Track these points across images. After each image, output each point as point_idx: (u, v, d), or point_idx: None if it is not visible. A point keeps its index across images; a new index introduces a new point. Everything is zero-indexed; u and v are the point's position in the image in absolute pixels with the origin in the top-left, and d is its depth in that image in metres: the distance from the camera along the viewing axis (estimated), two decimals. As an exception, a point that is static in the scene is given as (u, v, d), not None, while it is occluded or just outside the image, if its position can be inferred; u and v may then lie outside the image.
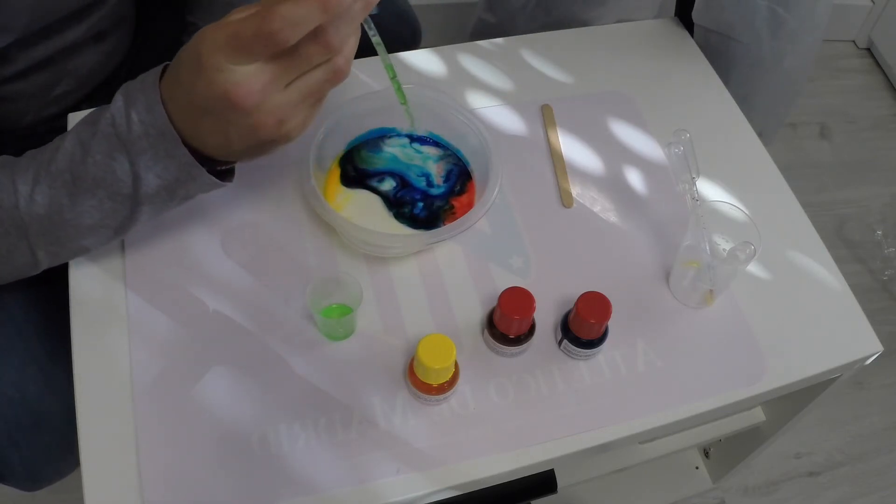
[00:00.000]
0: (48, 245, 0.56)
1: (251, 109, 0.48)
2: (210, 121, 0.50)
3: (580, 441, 0.60)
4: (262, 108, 0.48)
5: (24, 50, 0.69)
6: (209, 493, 0.55)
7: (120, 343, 0.61)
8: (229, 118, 0.49)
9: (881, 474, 1.25)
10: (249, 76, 0.47)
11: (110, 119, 0.52)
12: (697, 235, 0.62)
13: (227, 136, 0.50)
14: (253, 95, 0.47)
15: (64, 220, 0.54)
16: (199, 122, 0.50)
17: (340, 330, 0.63)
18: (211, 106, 0.48)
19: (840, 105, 1.75)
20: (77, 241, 0.56)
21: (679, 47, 0.88)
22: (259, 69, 0.47)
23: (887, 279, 1.46)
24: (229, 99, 0.47)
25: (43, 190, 0.53)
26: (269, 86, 0.48)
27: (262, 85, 0.47)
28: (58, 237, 0.55)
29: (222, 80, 0.47)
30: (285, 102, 0.49)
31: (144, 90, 0.51)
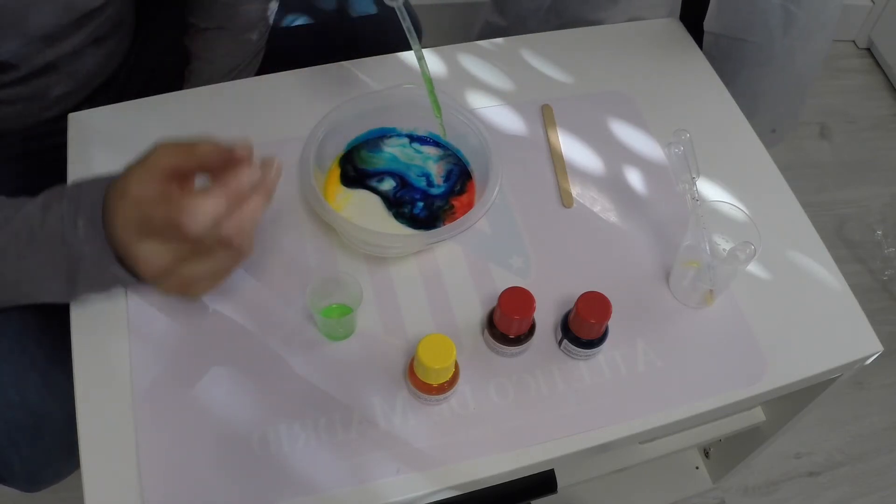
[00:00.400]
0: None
1: (156, 279, 0.53)
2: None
3: (580, 441, 0.60)
4: (167, 279, 0.54)
5: (24, 58, 0.70)
6: (209, 494, 0.55)
7: (120, 344, 0.61)
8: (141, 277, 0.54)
9: (881, 474, 1.25)
10: (154, 253, 0.52)
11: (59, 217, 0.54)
12: (697, 235, 0.62)
13: None
14: (158, 270, 0.53)
15: (8, 288, 0.57)
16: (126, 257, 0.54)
17: (340, 330, 0.63)
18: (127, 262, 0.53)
19: (840, 105, 1.75)
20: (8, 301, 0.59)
21: (679, 47, 0.88)
22: (165, 249, 0.52)
23: (887, 279, 1.46)
24: (139, 267, 0.52)
25: None
26: (172, 263, 0.53)
27: (165, 263, 0.53)
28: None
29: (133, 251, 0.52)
30: (187, 276, 0.54)
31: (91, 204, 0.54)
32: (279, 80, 0.80)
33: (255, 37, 0.85)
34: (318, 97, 0.78)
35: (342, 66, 0.81)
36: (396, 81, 0.73)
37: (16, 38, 0.66)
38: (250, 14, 0.83)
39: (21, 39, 0.67)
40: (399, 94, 0.72)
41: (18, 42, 0.67)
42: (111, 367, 0.60)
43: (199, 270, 0.54)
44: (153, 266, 0.52)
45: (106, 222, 0.53)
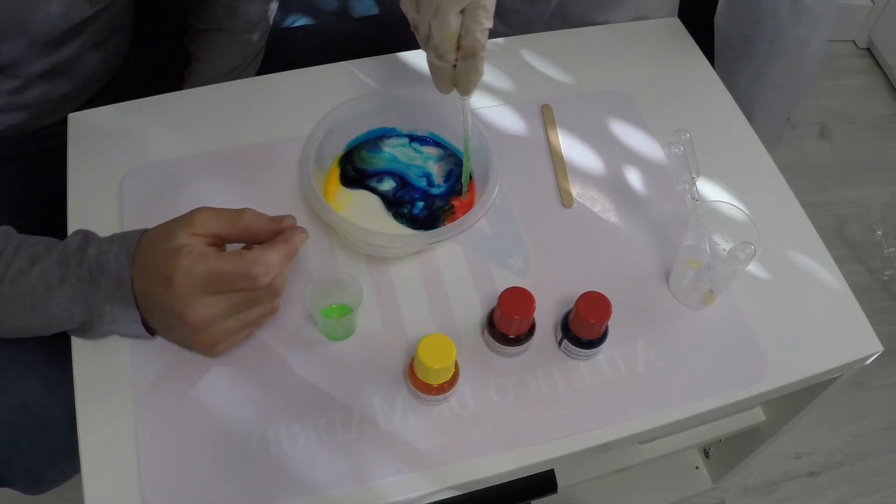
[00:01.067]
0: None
1: (198, 329, 0.55)
2: (159, 314, 0.56)
3: (580, 441, 0.60)
4: (207, 330, 0.56)
5: (21, 66, 0.70)
6: (209, 494, 0.55)
7: (120, 343, 0.61)
8: (176, 325, 0.56)
9: (881, 474, 1.25)
10: (208, 305, 0.54)
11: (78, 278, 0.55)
12: (697, 235, 0.62)
13: (169, 331, 0.58)
14: (205, 321, 0.55)
15: (14, 328, 0.57)
16: (152, 309, 0.56)
17: (340, 330, 0.63)
18: (166, 311, 0.55)
19: (840, 105, 1.75)
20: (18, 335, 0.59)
21: (679, 47, 0.88)
22: (217, 300, 0.55)
23: (887, 279, 1.46)
24: (184, 317, 0.54)
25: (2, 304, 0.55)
26: (219, 316, 0.55)
27: (214, 314, 0.55)
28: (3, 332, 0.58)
29: (186, 302, 0.54)
30: (226, 329, 0.57)
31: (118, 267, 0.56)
32: (279, 80, 0.80)
33: (255, 37, 0.85)
34: (318, 97, 0.78)
35: (342, 66, 0.81)
36: (396, 81, 0.74)
37: (15, 44, 0.66)
38: (250, 15, 0.83)
39: (20, 46, 0.67)
40: (399, 94, 0.72)
41: (17, 48, 0.67)
42: (111, 367, 0.60)
43: (234, 325, 0.57)
44: (203, 315, 0.54)
45: (134, 280, 0.55)
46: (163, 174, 0.71)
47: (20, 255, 0.56)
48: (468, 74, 0.63)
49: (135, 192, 0.69)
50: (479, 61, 0.62)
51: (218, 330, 0.56)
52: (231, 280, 0.54)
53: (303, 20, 0.92)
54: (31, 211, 0.75)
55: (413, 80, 0.80)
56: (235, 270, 0.54)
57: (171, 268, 0.53)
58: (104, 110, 0.75)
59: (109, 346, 0.61)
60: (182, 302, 0.54)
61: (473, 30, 0.60)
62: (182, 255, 0.53)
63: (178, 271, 0.53)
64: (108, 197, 0.69)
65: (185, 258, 0.53)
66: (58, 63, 0.72)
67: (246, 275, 0.54)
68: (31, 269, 0.55)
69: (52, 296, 0.55)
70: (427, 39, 0.61)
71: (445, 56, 0.61)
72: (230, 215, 0.57)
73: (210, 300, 0.54)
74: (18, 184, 0.79)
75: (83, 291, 0.55)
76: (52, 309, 0.55)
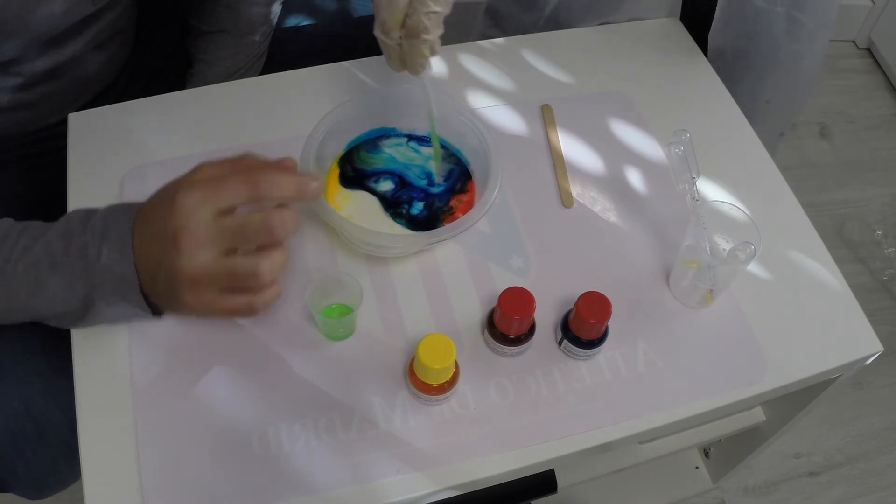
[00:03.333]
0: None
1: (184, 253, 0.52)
2: (155, 249, 0.54)
3: (580, 441, 0.60)
4: (193, 259, 0.52)
5: (23, 64, 0.70)
6: (209, 494, 0.55)
7: (120, 343, 0.61)
8: (168, 250, 0.52)
9: (881, 474, 1.25)
10: (202, 225, 0.52)
11: (83, 246, 0.55)
12: (697, 235, 0.62)
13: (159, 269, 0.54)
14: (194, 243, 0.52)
15: (12, 310, 0.57)
16: (148, 250, 0.54)
17: (340, 330, 0.63)
18: (162, 236, 0.53)
19: (840, 105, 1.75)
20: (15, 321, 0.59)
21: (679, 47, 0.88)
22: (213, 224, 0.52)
23: (887, 279, 1.46)
24: (176, 237, 0.51)
25: (6, 283, 0.55)
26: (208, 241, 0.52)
27: (204, 237, 0.52)
28: (7, 315, 0.58)
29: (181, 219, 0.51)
30: (210, 265, 0.53)
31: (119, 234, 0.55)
32: (279, 80, 0.80)
33: (257, 39, 0.85)
34: (318, 97, 0.78)
35: (342, 66, 0.81)
36: (396, 81, 0.74)
37: (17, 42, 0.67)
38: (252, 16, 0.83)
39: (22, 44, 0.67)
40: (399, 94, 0.72)
41: (19, 48, 0.67)
42: (111, 366, 0.60)
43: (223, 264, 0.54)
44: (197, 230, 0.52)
45: (135, 245, 0.54)
46: (163, 174, 0.70)
47: (25, 235, 0.56)
48: (412, 55, 0.63)
49: (135, 193, 0.69)
50: (421, 43, 0.61)
51: (203, 264, 0.53)
52: (230, 185, 0.52)
53: (303, 20, 0.92)
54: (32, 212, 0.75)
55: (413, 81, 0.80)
56: (237, 175, 0.53)
57: (176, 188, 0.53)
58: (104, 110, 0.75)
59: (109, 347, 0.61)
60: (181, 220, 0.52)
61: (419, 10, 0.60)
62: (184, 179, 0.54)
63: (182, 188, 0.53)
64: (108, 197, 0.69)
65: (186, 180, 0.54)
66: (60, 62, 0.72)
67: (248, 179, 0.53)
68: (34, 245, 0.55)
69: (56, 268, 0.54)
70: (377, 12, 0.61)
71: (390, 33, 0.61)
72: (231, 161, 0.56)
73: (208, 222, 0.52)
74: (19, 185, 0.79)
75: (86, 268, 0.54)
76: (54, 283, 0.55)
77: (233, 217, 0.53)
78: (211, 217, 0.52)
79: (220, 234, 0.52)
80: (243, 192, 0.53)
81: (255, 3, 0.82)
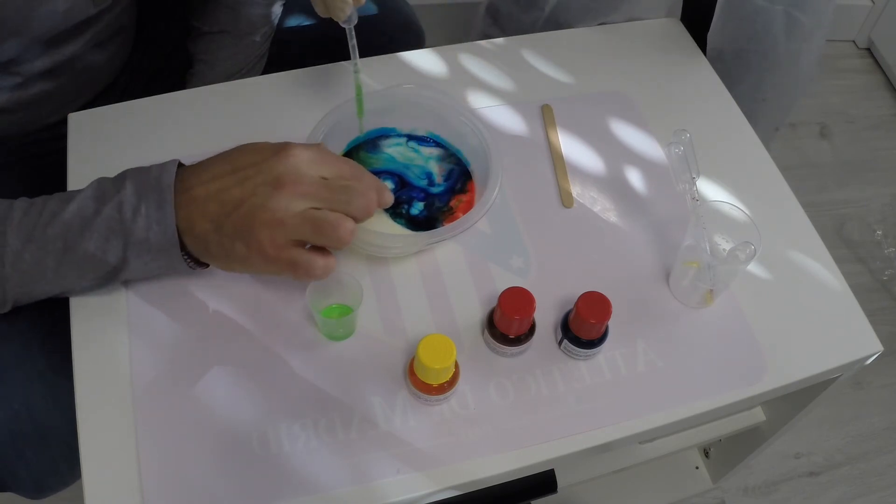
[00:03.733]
0: (21, 294, 0.58)
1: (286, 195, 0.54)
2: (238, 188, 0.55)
3: (580, 441, 0.60)
4: (289, 202, 0.54)
5: (23, 64, 0.70)
6: (209, 494, 0.55)
7: (120, 343, 0.61)
8: (259, 191, 0.54)
9: (881, 474, 1.25)
10: (311, 176, 0.55)
11: (117, 206, 0.54)
12: (697, 235, 0.62)
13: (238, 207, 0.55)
14: (300, 187, 0.54)
15: (44, 280, 0.56)
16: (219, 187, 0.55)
17: (340, 330, 0.63)
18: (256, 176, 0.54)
19: (840, 105, 1.75)
20: (49, 293, 0.59)
21: (679, 47, 0.88)
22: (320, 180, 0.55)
23: (887, 279, 1.46)
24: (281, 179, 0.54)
25: (32, 250, 0.55)
26: (312, 192, 0.54)
27: (310, 187, 0.54)
28: (33, 290, 0.58)
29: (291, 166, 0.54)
30: (299, 211, 0.54)
31: (160, 189, 0.55)
32: (279, 80, 0.80)
33: (258, 39, 0.84)
34: (318, 97, 0.78)
35: (342, 66, 0.81)
36: (396, 81, 0.74)
37: (17, 41, 0.66)
38: (253, 17, 0.83)
39: (23, 43, 0.67)
40: (399, 94, 0.72)
41: (19, 47, 0.67)
42: (111, 366, 0.60)
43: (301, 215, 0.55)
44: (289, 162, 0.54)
45: (184, 188, 0.55)
46: (163, 174, 0.71)
47: (52, 201, 0.56)
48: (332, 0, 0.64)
49: (135, 192, 0.69)
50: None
51: (293, 209, 0.54)
52: (342, 161, 0.57)
53: (303, 20, 0.92)
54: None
55: (414, 80, 0.80)
56: (346, 159, 0.58)
57: (288, 144, 0.56)
58: (104, 110, 0.75)
59: (109, 347, 0.61)
60: (292, 166, 0.54)
61: None
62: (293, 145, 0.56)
63: (297, 146, 0.55)
64: (109, 197, 0.69)
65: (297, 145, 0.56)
66: (60, 62, 0.72)
67: (356, 165, 0.57)
68: (64, 209, 0.55)
69: (88, 228, 0.54)
70: None
71: None
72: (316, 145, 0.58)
73: (315, 177, 0.55)
74: (19, 185, 0.79)
75: (120, 220, 0.54)
76: (84, 246, 0.54)
77: (337, 180, 0.56)
78: (316, 175, 0.55)
79: (321, 191, 0.55)
80: (348, 170, 0.56)
81: (256, 3, 0.82)
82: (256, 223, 0.54)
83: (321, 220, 0.54)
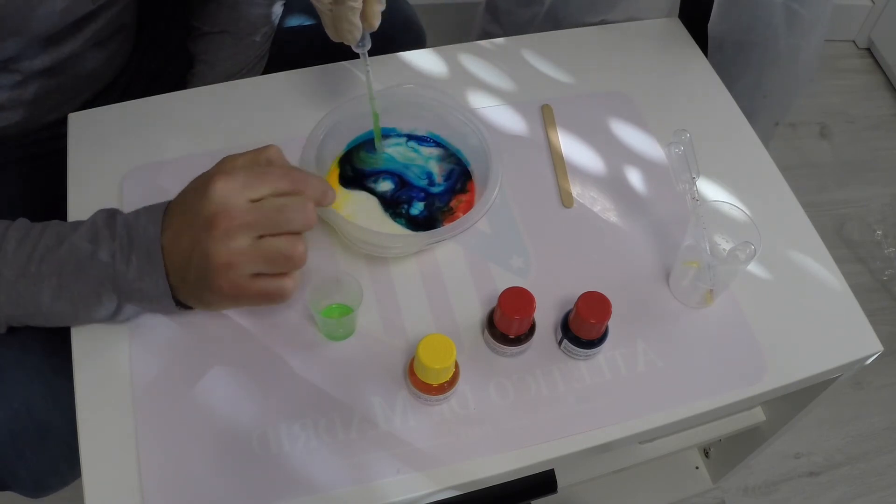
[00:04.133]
0: (12, 319, 0.58)
1: (220, 236, 0.53)
2: (186, 240, 0.54)
3: (580, 441, 0.60)
4: (228, 243, 0.53)
5: (23, 62, 0.70)
6: (209, 494, 0.55)
7: (120, 343, 0.61)
8: (202, 240, 0.53)
9: (881, 474, 1.25)
10: (240, 209, 0.53)
11: (110, 253, 0.55)
12: (697, 235, 0.62)
13: (190, 261, 0.55)
14: (231, 226, 0.53)
15: (39, 312, 0.57)
16: (178, 246, 0.55)
17: (340, 330, 0.63)
18: (195, 223, 0.53)
19: (840, 105, 1.75)
20: (42, 323, 0.59)
21: (679, 47, 0.88)
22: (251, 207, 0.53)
23: (887, 279, 1.46)
24: (216, 220, 0.53)
25: (28, 286, 0.55)
26: (246, 225, 0.53)
27: (242, 221, 0.53)
28: (25, 317, 0.58)
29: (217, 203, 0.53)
30: (245, 249, 0.53)
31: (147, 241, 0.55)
32: (279, 80, 0.80)
33: (258, 39, 0.84)
34: (318, 97, 0.78)
35: (342, 66, 0.81)
36: (396, 81, 0.74)
37: (16, 41, 0.66)
38: (253, 17, 0.83)
39: (21, 43, 0.67)
40: (399, 94, 0.72)
41: (18, 46, 0.67)
42: (111, 366, 0.60)
43: (253, 251, 0.54)
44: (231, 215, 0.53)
45: (165, 242, 0.55)
46: (163, 174, 0.71)
47: (47, 234, 0.56)
48: (340, 21, 0.63)
49: (135, 192, 0.69)
50: (348, 10, 0.62)
51: (238, 248, 0.53)
52: (273, 175, 0.54)
53: (303, 20, 0.92)
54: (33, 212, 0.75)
55: (413, 80, 0.80)
56: (278, 168, 0.55)
57: (212, 174, 0.54)
58: (104, 110, 0.75)
59: (109, 346, 0.61)
60: (218, 204, 0.53)
61: None
62: (220, 167, 0.55)
63: (218, 174, 0.54)
64: (108, 197, 0.69)
65: (223, 167, 0.55)
66: (59, 60, 0.72)
67: (288, 174, 0.55)
68: (59, 246, 0.55)
69: (82, 274, 0.55)
70: None
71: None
72: (254, 150, 0.57)
73: (245, 205, 0.53)
74: (20, 186, 0.79)
75: (114, 272, 0.55)
76: (79, 288, 0.55)
77: (270, 201, 0.54)
78: (245, 203, 0.53)
79: (257, 219, 0.53)
80: (282, 184, 0.54)
81: (256, 3, 0.82)
82: (209, 271, 0.54)
83: (270, 252, 0.54)
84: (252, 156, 0.57)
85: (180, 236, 0.55)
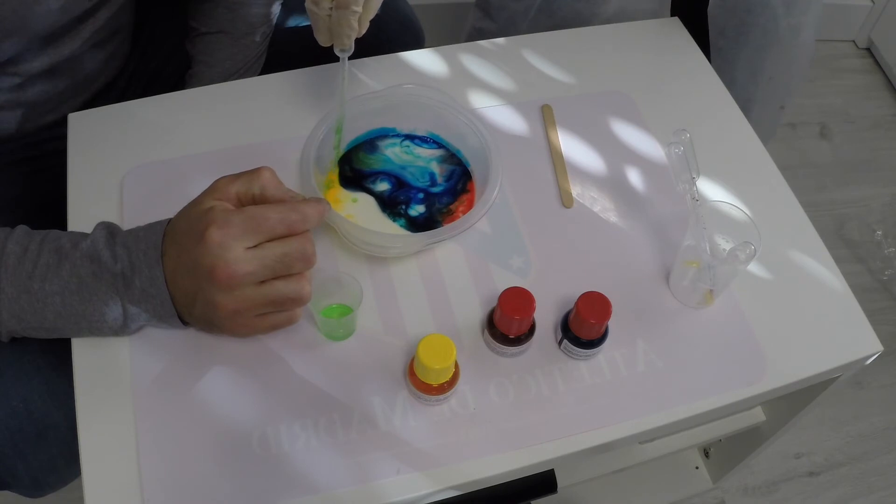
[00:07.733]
0: (14, 332, 0.58)
1: (225, 288, 0.53)
2: (189, 281, 0.55)
3: (580, 441, 0.60)
4: (234, 292, 0.54)
5: (22, 63, 0.70)
6: (209, 494, 0.55)
7: (120, 343, 0.61)
8: (204, 287, 0.54)
9: (881, 474, 1.25)
10: (241, 261, 0.53)
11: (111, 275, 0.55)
12: (697, 235, 0.62)
13: (194, 305, 0.56)
14: (233, 278, 0.53)
15: (42, 328, 0.57)
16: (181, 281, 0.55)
17: (340, 330, 0.63)
18: (198, 277, 0.54)
19: (840, 105, 1.75)
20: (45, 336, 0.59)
21: (679, 47, 0.88)
22: (250, 257, 0.53)
23: (887, 279, 1.46)
24: (215, 272, 0.53)
25: (31, 303, 0.55)
26: (249, 275, 0.54)
27: (245, 271, 0.53)
28: (29, 331, 0.58)
29: (219, 255, 0.52)
30: (251, 299, 0.55)
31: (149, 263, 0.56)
32: (279, 80, 0.80)
33: (257, 39, 0.84)
34: (319, 97, 0.78)
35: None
36: (396, 81, 0.74)
37: (14, 42, 0.66)
38: (251, 17, 0.83)
39: (20, 44, 0.67)
40: (399, 94, 0.72)
41: (17, 46, 0.67)
42: (111, 367, 0.60)
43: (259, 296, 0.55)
44: (233, 271, 0.53)
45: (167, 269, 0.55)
46: (163, 174, 0.71)
47: (46, 250, 0.56)
48: (340, 26, 0.63)
49: (135, 192, 0.69)
50: (350, 14, 0.62)
51: (244, 296, 0.54)
52: (270, 223, 0.54)
53: (303, 21, 0.92)
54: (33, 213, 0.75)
55: (414, 80, 0.80)
56: (274, 213, 0.54)
57: (207, 222, 0.53)
58: (104, 110, 0.75)
59: (109, 346, 0.61)
60: (216, 255, 0.52)
61: None
62: (215, 211, 0.54)
63: (213, 223, 0.53)
64: (108, 197, 0.69)
65: (218, 212, 0.54)
66: (58, 61, 0.72)
67: (285, 219, 0.54)
68: (60, 265, 0.55)
69: (85, 294, 0.55)
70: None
71: (320, 3, 0.62)
72: (247, 174, 0.57)
73: (244, 255, 0.53)
74: (19, 186, 0.79)
75: (117, 293, 0.56)
76: (84, 308, 0.56)
77: (269, 248, 0.54)
78: (243, 252, 0.53)
79: (257, 269, 0.54)
80: (279, 230, 0.55)
81: (255, 3, 0.82)
82: (216, 318, 0.56)
83: (278, 297, 0.56)
84: (245, 181, 0.57)
85: (183, 275, 0.55)
